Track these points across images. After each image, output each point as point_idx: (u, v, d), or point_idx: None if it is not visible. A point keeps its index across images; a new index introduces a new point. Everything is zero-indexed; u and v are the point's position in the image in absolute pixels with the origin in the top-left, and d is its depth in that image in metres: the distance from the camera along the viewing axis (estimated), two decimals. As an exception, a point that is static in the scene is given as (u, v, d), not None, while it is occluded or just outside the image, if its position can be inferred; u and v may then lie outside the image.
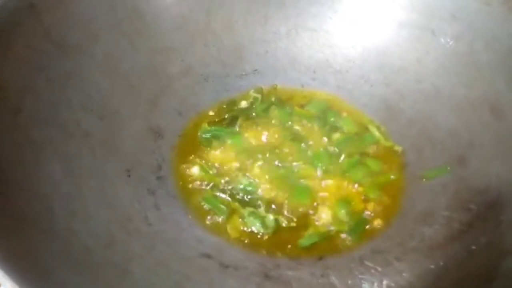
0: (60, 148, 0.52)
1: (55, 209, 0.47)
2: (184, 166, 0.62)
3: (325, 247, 0.56)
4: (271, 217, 0.57)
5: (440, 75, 0.64)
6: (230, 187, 0.60)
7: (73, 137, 0.55)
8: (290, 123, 0.66)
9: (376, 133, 0.65)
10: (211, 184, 0.60)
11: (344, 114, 0.68)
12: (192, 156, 0.63)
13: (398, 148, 0.64)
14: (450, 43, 0.64)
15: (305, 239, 0.56)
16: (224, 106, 0.68)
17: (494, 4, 0.60)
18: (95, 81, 0.60)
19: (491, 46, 0.61)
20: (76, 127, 0.55)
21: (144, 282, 0.47)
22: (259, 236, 0.56)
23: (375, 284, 0.51)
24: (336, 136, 0.65)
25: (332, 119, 0.66)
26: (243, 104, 0.68)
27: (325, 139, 0.64)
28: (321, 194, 0.60)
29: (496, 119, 0.58)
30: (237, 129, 0.65)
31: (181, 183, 0.60)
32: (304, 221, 0.58)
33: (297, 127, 0.65)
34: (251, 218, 0.57)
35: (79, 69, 0.58)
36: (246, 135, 0.64)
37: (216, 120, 0.66)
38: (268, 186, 0.60)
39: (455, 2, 0.63)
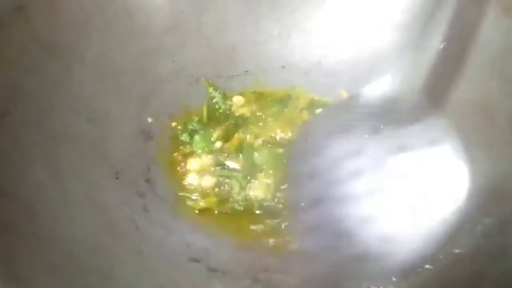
0: (47, 151, 0.52)
1: (38, 213, 0.47)
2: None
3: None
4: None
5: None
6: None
7: (60, 140, 0.54)
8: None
9: None
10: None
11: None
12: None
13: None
14: (442, 45, 0.63)
15: None
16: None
17: (487, 5, 0.60)
18: (84, 83, 0.59)
19: (484, 48, 0.60)
20: (64, 130, 0.55)
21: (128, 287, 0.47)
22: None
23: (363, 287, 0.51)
24: None
25: None
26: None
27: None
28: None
29: (488, 124, 0.57)
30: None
31: (170, 185, 0.60)
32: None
33: None
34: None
35: (67, 71, 0.58)
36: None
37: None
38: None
39: (446, 3, 0.62)
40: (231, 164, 0.62)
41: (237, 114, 0.67)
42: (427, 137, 0.50)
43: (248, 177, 0.60)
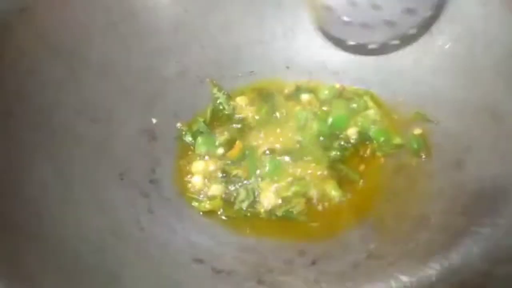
0: (52, 152, 0.53)
1: (44, 213, 0.47)
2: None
3: (318, 250, 0.55)
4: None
5: (438, 77, 0.63)
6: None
7: (65, 141, 0.55)
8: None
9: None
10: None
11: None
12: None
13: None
14: (448, 45, 0.63)
15: None
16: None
17: (493, 5, 0.59)
18: (88, 84, 0.59)
19: (490, 48, 0.59)
20: (68, 131, 0.56)
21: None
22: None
23: (368, 290, 0.51)
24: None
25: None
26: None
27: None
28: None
29: (495, 123, 0.57)
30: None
31: (175, 186, 0.60)
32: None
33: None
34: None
35: (71, 71, 0.58)
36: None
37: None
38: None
39: (453, 3, 0.62)
40: (236, 170, 0.62)
41: (241, 116, 0.67)
42: None
43: (253, 184, 0.60)
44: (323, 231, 0.58)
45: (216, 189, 0.60)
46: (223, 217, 0.58)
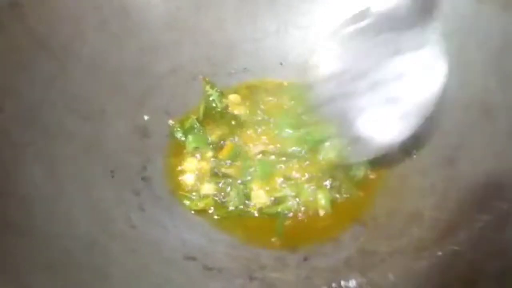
0: (42, 149, 0.52)
1: (34, 211, 0.47)
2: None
3: (310, 247, 0.55)
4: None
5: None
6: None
7: (56, 138, 0.54)
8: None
9: None
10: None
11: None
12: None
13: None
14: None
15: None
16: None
17: (486, 2, 0.59)
18: (80, 81, 0.59)
19: (482, 45, 0.59)
20: (59, 128, 0.55)
21: (124, 286, 0.47)
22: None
23: (359, 286, 0.51)
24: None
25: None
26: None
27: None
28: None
29: (487, 119, 0.57)
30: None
31: (166, 184, 0.60)
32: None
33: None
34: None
35: (63, 68, 0.58)
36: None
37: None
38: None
39: (446, 0, 0.62)
40: (228, 170, 0.62)
41: (233, 113, 0.67)
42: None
43: (245, 183, 0.60)
44: (315, 229, 0.58)
45: (207, 188, 0.60)
46: (215, 216, 0.58)
